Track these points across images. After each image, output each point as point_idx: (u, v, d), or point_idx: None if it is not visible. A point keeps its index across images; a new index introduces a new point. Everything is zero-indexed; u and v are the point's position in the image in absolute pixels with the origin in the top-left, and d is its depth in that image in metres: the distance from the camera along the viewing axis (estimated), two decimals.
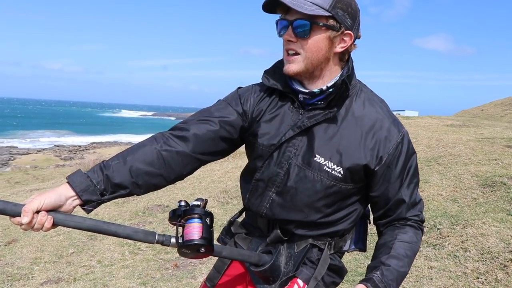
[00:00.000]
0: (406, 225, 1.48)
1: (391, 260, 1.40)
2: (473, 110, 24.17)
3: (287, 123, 1.46)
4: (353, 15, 1.38)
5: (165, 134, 1.48)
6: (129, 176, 1.38)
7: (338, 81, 1.40)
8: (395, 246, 1.43)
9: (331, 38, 1.37)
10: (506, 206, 4.65)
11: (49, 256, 4.77)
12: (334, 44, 1.38)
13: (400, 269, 1.40)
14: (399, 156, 1.42)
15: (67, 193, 1.30)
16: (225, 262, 1.67)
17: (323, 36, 1.35)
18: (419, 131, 11.12)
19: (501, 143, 8.28)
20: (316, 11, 1.31)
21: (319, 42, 1.36)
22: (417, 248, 1.48)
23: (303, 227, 1.50)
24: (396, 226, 1.49)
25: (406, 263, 1.42)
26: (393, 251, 1.42)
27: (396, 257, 1.41)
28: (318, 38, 1.35)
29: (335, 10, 1.33)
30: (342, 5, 1.34)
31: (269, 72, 1.51)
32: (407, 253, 1.43)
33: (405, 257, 1.42)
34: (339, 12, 1.34)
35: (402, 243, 1.44)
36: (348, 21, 1.37)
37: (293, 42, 1.37)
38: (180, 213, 1.36)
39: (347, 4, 1.36)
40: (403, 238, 1.45)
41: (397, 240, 1.44)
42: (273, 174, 1.47)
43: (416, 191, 1.49)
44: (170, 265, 4.30)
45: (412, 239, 1.45)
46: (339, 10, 1.34)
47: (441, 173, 6.28)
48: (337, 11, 1.33)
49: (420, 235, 1.50)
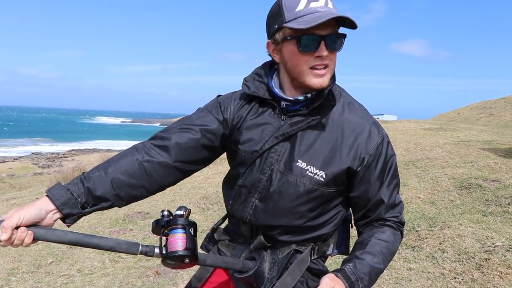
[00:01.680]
0: (384, 225, 1.49)
1: (365, 255, 1.40)
2: (450, 113, 24.61)
3: (269, 130, 1.46)
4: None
5: (146, 144, 1.48)
6: (111, 188, 1.37)
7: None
8: (371, 243, 1.43)
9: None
10: (481, 207, 4.76)
11: (27, 266, 4.69)
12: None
13: (374, 264, 1.40)
14: (379, 157, 1.44)
15: (47, 207, 1.27)
16: (208, 270, 1.66)
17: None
18: (398, 135, 11.29)
19: (477, 145, 8.47)
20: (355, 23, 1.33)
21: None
22: (394, 248, 1.47)
23: (286, 232, 1.50)
24: (375, 226, 1.50)
25: (381, 260, 1.42)
26: (368, 247, 1.42)
27: (370, 253, 1.41)
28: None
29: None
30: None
31: (249, 79, 1.51)
32: (382, 251, 1.43)
33: (380, 254, 1.42)
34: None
35: (379, 240, 1.44)
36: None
37: (326, 57, 1.37)
38: (163, 223, 1.34)
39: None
40: (380, 237, 1.45)
41: (374, 238, 1.45)
42: (256, 180, 1.47)
43: (396, 193, 1.50)
44: (151, 272, 4.27)
45: (389, 238, 1.46)
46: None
47: (419, 176, 6.39)
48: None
49: (398, 236, 1.50)
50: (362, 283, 1.36)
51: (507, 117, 18.14)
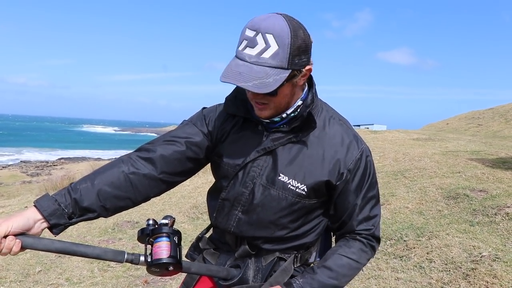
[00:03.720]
0: (355, 239, 1.51)
1: (321, 269, 1.45)
2: (439, 124, 24.83)
3: (251, 145, 1.49)
4: (307, 50, 1.35)
5: (132, 156, 1.50)
6: (97, 199, 1.39)
7: (302, 108, 1.45)
8: (332, 257, 1.47)
9: (294, 83, 1.38)
10: (468, 217, 4.82)
11: (14, 275, 4.65)
12: (297, 84, 1.40)
13: (327, 280, 1.44)
14: (357, 171, 1.47)
15: (35, 217, 1.31)
16: (194, 278, 1.69)
17: (287, 87, 1.36)
18: (386, 145, 11.39)
19: (465, 156, 8.57)
20: (279, 79, 1.29)
21: (285, 92, 1.38)
22: (358, 265, 1.50)
23: (270, 242, 1.54)
24: (346, 239, 1.53)
25: (337, 276, 1.45)
26: (328, 262, 1.47)
27: (327, 267, 1.45)
28: (284, 90, 1.36)
29: (293, 61, 1.30)
30: (297, 51, 1.30)
31: (230, 99, 1.53)
32: (342, 266, 1.46)
33: (338, 269, 1.45)
34: (296, 60, 1.31)
35: (341, 256, 1.47)
36: (304, 59, 1.34)
37: (259, 97, 1.38)
38: (148, 232, 1.39)
39: (299, 46, 1.31)
40: (343, 252, 1.48)
41: (337, 253, 1.48)
42: (239, 194, 1.51)
43: (371, 205, 1.52)
44: (140, 281, 4.26)
45: (353, 255, 1.48)
46: (296, 58, 1.31)
47: (407, 186, 6.45)
48: (295, 61, 1.31)
49: (366, 251, 1.52)
50: None
51: (495, 127, 18.36)
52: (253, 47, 1.29)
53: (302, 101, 1.46)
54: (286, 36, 1.28)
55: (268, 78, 1.28)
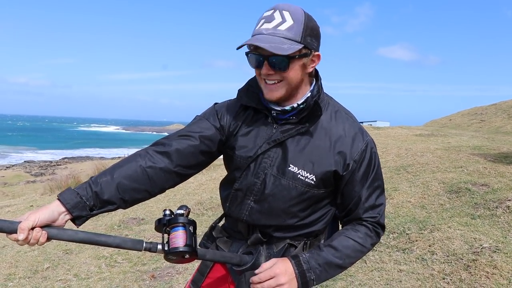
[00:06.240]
0: (360, 225, 1.58)
1: (327, 248, 1.51)
2: (442, 120, 24.81)
3: (262, 137, 1.58)
4: (318, 36, 1.50)
5: (149, 151, 1.58)
6: (117, 192, 1.47)
7: (309, 98, 1.54)
8: (339, 238, 1.54)
9: (304, 63, 1.49)
10: (470, 210, 4.88)
11: (23, 271, 4.73)
12: (306, 67, 1.51)
13: (332, 259, 1.50)
14: (362, 161, 1.54)
15: (59, 209, 1.39)
16: (208, 265, 1.77)
17: (298, 64, 1.47)
18: (389, 141, 11.43)
19: (467, 151, 8.61)
20: (292, 48, 1.41)
21: (296, 70, 1.47)
22: (362, 248, 1.56)
23: (281, 230, 1.62)
24: (353, 224, 1.60)
25: (341, 256, 1.51)
26: (334, 242, 1.53)
27: (333, 246, 1.51)
28: (295, 67, 1.47)
29: (306, 39, 1.44)
30: (310, 31, 1.45)
31: (243, 91, 1.63)
32: (347, 247, 1.52)
33: (343, 250, 1.51)
34: (308, 39, 1.45)
35: (346, 238, 1.54)
36: (315, 43, 1.49)
37: (272, 74, 1.48)
38: (165, 222, 1.46)
39: (312, 28, 1.47)
40: (349, 234, 1.55)
41: (343, 235, 1.55)
42: (251, 184, 1.59)
43: (377, 195, 1.59)
44: (147, 276, 4.33)
45: (359, 238, 1.55)
46: (308, 37, 1.45)
47: (410, 181, 6.51)
48: (307, 39, 1.45)
49: (371, 236, 1.58)
50: (315, 273, 1.46)
51: (497, 123, 18.34)
52: (270, 21, 1.43)
53: (311, 92, 1.55)
54: (301, 15, 1.44)
55: (283, 45, 1.41)
